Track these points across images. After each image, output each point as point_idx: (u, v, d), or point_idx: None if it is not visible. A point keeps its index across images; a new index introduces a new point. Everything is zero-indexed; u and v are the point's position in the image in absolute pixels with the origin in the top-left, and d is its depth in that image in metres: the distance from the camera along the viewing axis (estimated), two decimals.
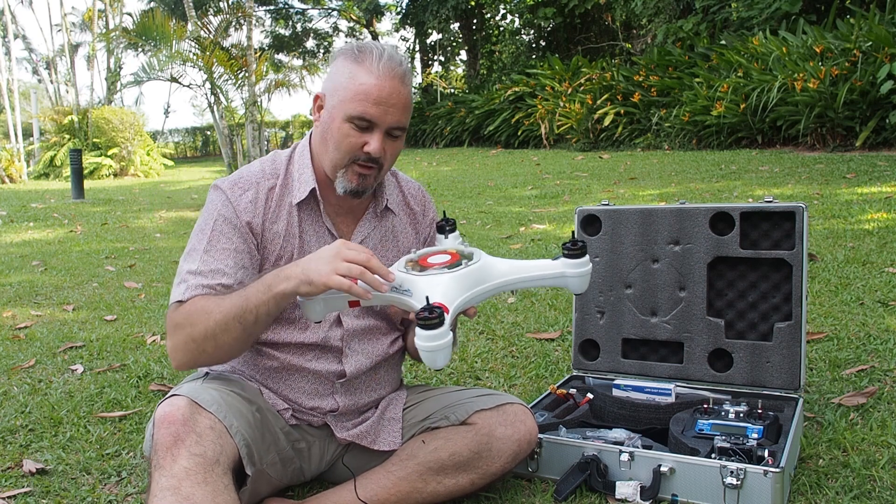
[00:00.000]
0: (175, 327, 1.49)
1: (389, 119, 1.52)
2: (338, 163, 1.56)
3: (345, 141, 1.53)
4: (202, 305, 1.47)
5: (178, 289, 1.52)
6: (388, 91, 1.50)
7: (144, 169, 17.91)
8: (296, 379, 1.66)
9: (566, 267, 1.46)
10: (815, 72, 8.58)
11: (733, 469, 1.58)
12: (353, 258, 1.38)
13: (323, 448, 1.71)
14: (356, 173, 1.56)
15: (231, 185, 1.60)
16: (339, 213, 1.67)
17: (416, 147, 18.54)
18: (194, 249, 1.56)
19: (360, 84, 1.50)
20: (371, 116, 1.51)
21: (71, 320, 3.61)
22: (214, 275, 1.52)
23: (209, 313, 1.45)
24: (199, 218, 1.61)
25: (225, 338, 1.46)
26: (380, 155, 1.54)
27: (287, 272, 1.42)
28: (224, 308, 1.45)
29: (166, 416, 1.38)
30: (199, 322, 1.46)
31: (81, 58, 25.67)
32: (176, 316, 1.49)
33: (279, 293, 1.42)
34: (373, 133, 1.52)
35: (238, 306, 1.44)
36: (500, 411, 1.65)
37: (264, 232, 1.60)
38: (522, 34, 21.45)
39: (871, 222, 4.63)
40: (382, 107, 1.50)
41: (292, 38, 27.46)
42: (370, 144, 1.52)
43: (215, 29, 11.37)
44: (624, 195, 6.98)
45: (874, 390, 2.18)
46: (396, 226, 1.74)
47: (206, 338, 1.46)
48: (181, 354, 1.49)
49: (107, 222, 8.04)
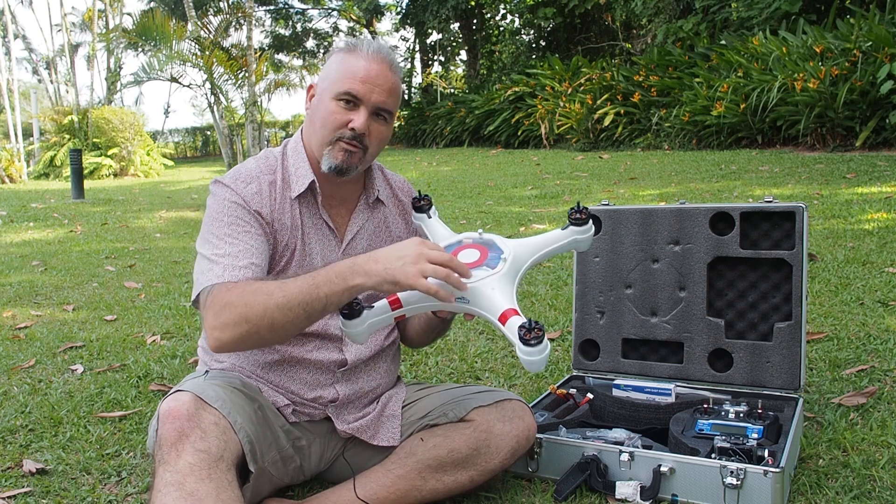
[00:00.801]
0: (225, 306, 1.44)
1: (375, 97, 1.56)
2: (324, 139, 1.59)
3: (331, 118, 1.57)
4: (258, 286, 1.45)
5: (213, 272, 1.49)
6: (376, 71, 1.56)
7: (144, 169, 17.92)
8: (297, 370, 1.67)
9: (575, 234, 1.57)
10: (815, 72, 8.58)
11: (733, 469, 1.58)
12: (437, 259, 1.38)
13: (323, 445, 1.71)
14: (341, 149, 1.58)
15: (233, 180, 1.61)
16: (332, 205, 1.70)
17: (416, 147, 18.54)
18: (214, 234, 1.55)
19: (349, 66, 1.57)
20: (357, 92, 1.55)
21: (71, 320, 3.61)
22: (244, 254, 1.52)
23: (269, 294, 1.42)
24: (208, 211, 1.61)
25: (283, 320, 1.42)
26: (364, 131, 1.57)
27: (366, 267, 1.41)
28: (288, 291, 1.42)
29: (171, 411, 1.38)
30: (256, 302, 1.42)
31: (81, 58, 25.71)
32: (227, 295, 1.45)
33: (355, 286, 1.41)
34: (358, 110, 1.57)
35: (305, 292, 1.41)
36: (499, 407, 1.65)
37: (273, 222, 1.61)
38: (522, 34, 21.46)
39: (871, 222, 4.63)
40: (369, 85, 1.56)
41: (292, 38, 27.47)
42: (355, 121, 1.56)
43: (215, 29, 11.38)
44: (624, 195, 6.99)
45: (874, 390, 2.18)
46: (388, 216, 1.78)
47: (263, 317, 1.42)
48: (230, 332, 1.43)
49: (107, 222, 8.04)
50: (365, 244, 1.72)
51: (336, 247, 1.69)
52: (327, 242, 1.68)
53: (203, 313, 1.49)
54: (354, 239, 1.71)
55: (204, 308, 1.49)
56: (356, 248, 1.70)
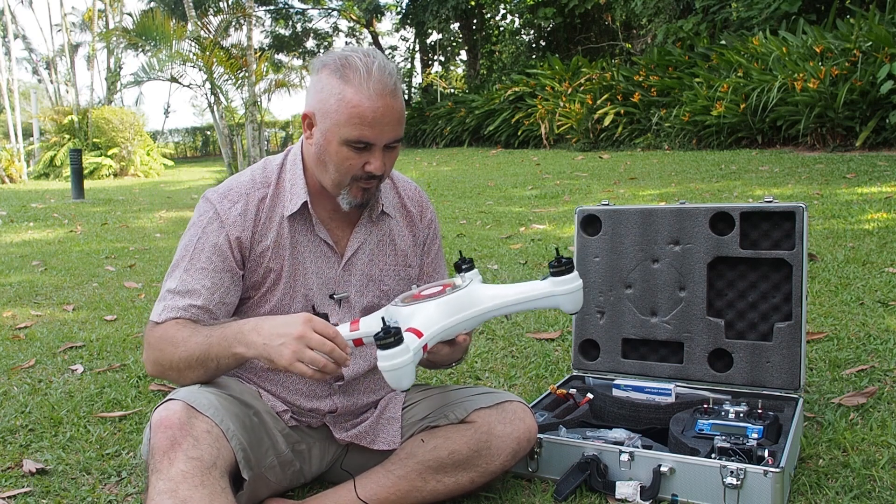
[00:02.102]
0: (147, 346, 1.57)
1: (386, 137, 1.52)
2: (340, 183, 1.56)
3: (345, 164, 1.52)
4: (172, 335, 1.51)
5: (157, 307, 1.57)
6: (382, 111, 1.48)
7: (144, 169, 17.91)
8: (293, 381, 1.66)
9: (554, 286, 1.45)
10: (815, 72, 8.58)
11: (733, 469, 1.58)
12: (318, 345, 1.37)
13: (323, 449, 1.71)
14: (360, 189, 1.57)
15: (221, 198, 1.59)
16: (333, 219, 1.66)
17: (416, 147, 18.55)
18: (177, 266, 1.58)
19: (353, 107, 1.47)
20: (368, 139, 1.50)
21: (71, 320, 3.61)
22: (189, 295, 1.54)
23: (176, 346, 1.50)
24: (187, 230, 1.61)
25: (187, 373, 1.51)
26: (382, 171, 1.54)
27: (249, 338, 1.43)
28: (189, 347, 1.48)
29: (162, 420, 1.38)
30: (166, 350, 1.51)
31: (81, 58, 25.69)
32: (150, 336, 1.56)
33: (238, 355, 1.45)
34: (372, 152, 1.52)
35: (201, 350, 1.47)
36: (500, 409, 1.64)
37: (253, 246, 1.59)
38: (522, 34, 21.45)
39: (871, 222, 4.63)
40: (378, 127, 1.49)
41: (292, 38, 27.45)
42: (371, 164, 1.52)
43: (215, 29, 11.37)
44: (624, 195, 6.98)
45: (874, 390, 2.18)
46: (393, 229, 1.73)
47: (171, 367, 1.52)
48: (150, 369, 1.58)
49: (107, 222, 8.04)
50: (367, 260, 1.69)
51: (336, 263, 1.65)
52: (325, 260, 1.64)
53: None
54: (356, 255, 1.67)
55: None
56: (357, 264, 1.67)
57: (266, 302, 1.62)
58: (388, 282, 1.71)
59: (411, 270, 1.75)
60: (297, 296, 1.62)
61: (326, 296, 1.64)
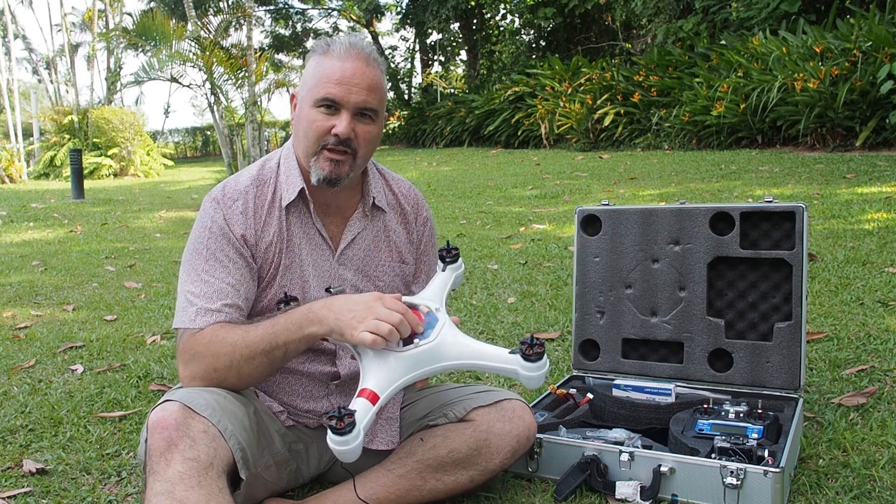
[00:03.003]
0: (193, 356, 1.49)
1: (354, 98, 1.52)
2: (309, 150, 1.57)
3: (312, 126, 1.54)
4: (223, 336, 1.47)
5: (187, 314, 1.52)
6: (352, 71, 1.51)
7: (144, 169, 17.91)
8: (290, 381, 1.66)
9: (519, 366, 1.43)
10: (815, 72, 8.58)
11: (733, 469, 1.58)
12: (386, 318, 1.39)
13: (321, 449, 1.71)
14: (327, 159, 1.55)
15: (221, 197, 1.60)
16: (327, 213, 1.67)
17: (416, 147, 18.55)
18: (193, 268, 1.56)
19: (325, 69, 1.53)
20: (334, 96, 1.51)
21: (71, 320, 3.61)
22: (219, 296, 1.52)
23: (234, 345, 1.46)
24: (193, 233, 1.61)
25: (248, 370, 1.48)
26: (348, 135, 1.53)
27: (320, 314, 1.44)
28: (250, 341, 1.46)
29: (159, 421, 1.37)
30: (222, 353, 1.47)
31: (81, 58, 25.68)
32: (194, 345, 1.49)
33: (310, 335, 1.45)
34: (339, 114, 1.53)
35: (266, 341, 1.45)
36: (499, 407, 1.64)
37: (258, 242, 1.60)
38: (522, 34, 21.45)
39: (871, 222, 4.63)
40: (346, 86, 1.51)
41: (292, 38, 27.45)
42: (337, 126, 1.52)
43: (215, 29, 11.37)
44: (624, 195, 6.99)
45: (874, 390, 2.18)
46: (389, 225, 1.73)
47: (230, 368, 1.47)
48: (199, 383, 1.49)
49: (107, 222, 8.04)
50: (362, 254, 1.69)
51: (330, 257, 1.66)
52: (321, 252, 1.65)
53: (177, 355, 1.54)
54: (349, 248, 1.67)
55: (177, 350, 1.54)
56: (352, 257, 1.68)
57: (265, 296, 1.62)
58: (384, 278, 1.72)
59: (407, 267, 1.76)
60: (294, 288, 1.62)
61: (323, 289, 1.64)
